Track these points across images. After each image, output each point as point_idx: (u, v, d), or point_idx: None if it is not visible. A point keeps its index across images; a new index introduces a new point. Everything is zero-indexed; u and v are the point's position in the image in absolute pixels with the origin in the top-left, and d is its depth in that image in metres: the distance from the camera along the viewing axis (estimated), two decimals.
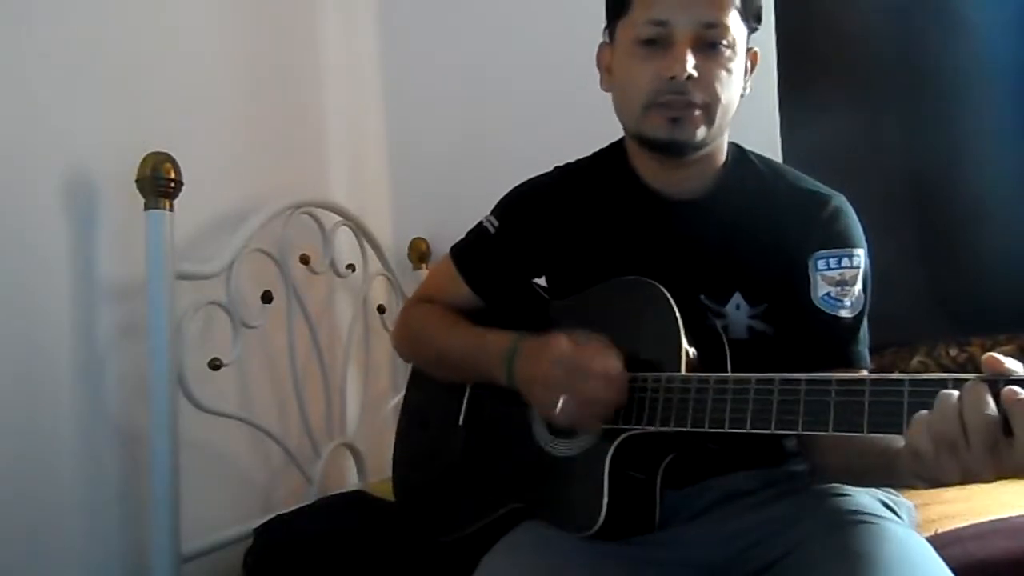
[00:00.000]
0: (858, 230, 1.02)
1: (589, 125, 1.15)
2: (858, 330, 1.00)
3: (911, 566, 0.80)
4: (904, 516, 0.95)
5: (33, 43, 1.24)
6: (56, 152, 1.27)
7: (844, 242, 1.00)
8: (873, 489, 0.96)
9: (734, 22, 0.96)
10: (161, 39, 1.47)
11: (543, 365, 0.93)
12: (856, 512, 0.88)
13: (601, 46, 1.08)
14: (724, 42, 0.95)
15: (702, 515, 0.98)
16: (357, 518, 1.36)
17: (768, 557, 0.89)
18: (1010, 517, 1.10)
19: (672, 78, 0.94)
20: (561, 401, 0.89)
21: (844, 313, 0.98)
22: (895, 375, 0.71)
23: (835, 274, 0.98)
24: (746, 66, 1.02)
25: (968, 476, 0.66)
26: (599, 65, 1.08)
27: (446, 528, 1.13)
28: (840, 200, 1.03)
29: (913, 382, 0.69)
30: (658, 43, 0.96)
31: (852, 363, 0.99)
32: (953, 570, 0.81)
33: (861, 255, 1.00)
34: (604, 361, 0.90)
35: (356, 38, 2.08)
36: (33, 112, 1.24)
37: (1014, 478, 0.65)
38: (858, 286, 0.99)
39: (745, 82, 1.03)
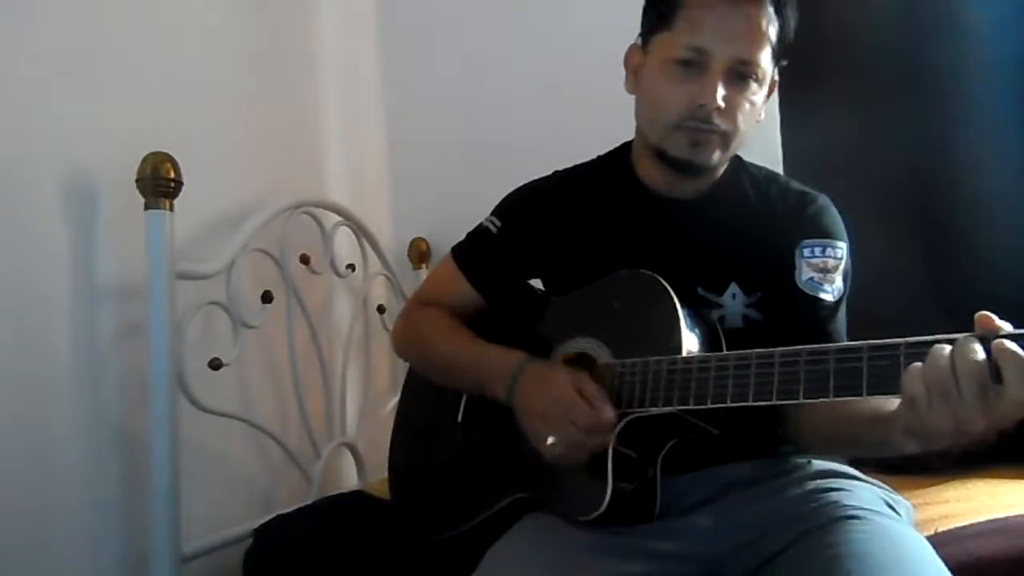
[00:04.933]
0: (842, 226, 1.08)
1: (588, 125, 1.16)
2: (837, 312, 1.05)
3: (908, 563, 0.80)
4: (903, 515, 0.95)
5: (33, 43, 1.24)
6: (56, 152, 1.27)
7: (829, 234, 1.06)
8: (873, 487, 0.97)
9: (765, 59, 1.00)
10: (161, 39, 1.47)
11: (542, 402, 0.95)
12: (856, 508, 0.89)
13: (632, 48, 1.10)
14: (754, 76, 1.00)
15: (703, 506, 0.98)
16: (357, 518, 1.36)
17: (767, 551, 0.90)
18: (1010, 517, 1.10)
19: (702, 106, 0.98)
20: (551, 441, 0.92)
21: (825, 296, 1.03)
22: (892, 340, 0.74)
23: (819, 261, 1.04)
24: (766, 94, 1.06)
25: (960, 424, 0.69)
26: (626, 65, 1.10)
27: (448, 524, 1.13)
28: (826, 200, 1.10)
29: (908, 344, 0.73)
30: (693, 66, 0.99)
31: (831, 341, 1.01)
32: (953, 570, 0.81)
33: (844, 249, 1.06)
34: (597, 413, 0.91)
35: (356, 38, 2.08)
36: (33, 112, 1.24)
37: (1003, 426, 0.68)
38: (839, 276, 1.05)
39: (762, 109, 1.07)
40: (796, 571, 0.85)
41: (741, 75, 0.99)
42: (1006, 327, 0.69)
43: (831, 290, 1.03)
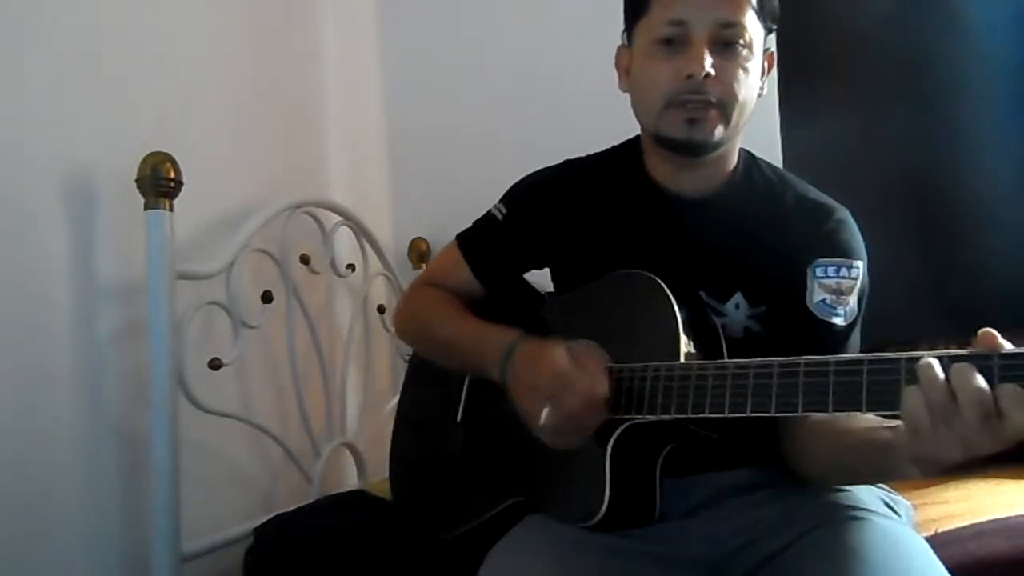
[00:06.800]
0: (860, 243, 1.03)
1: (590, 124, 1.16)
2: (848, 338, 1.00)
3: (907, 563, 0.80)
4: (902, 514, 0.95)
5: (33, 43, 1.24)
6: (56, 152, 1.27)
7: (845, 253, 1.01)
8: (873, 487, 0.97)
9: (751, 22, 0.97)
10: (160, 39, 1.47)
11: (535, 372, 0.93)
12: (854, 508, 0.89)
13: (619, 48, 1.09)
14: (741, 41, 0.96)
15: (701, 510, 0.98)
16: (357, 517, 1.36)
17: (765, 552, 0.90)
18: (1010, 517, 1.10)
19: (690, 77, 0.95)
20: (545, 413, 0.90)
21: (837, 321, 0.98)
22: (892, 353, 0.72)
23: (832, 283, 0.99)
24: (763, 66, 1.03)
25: (968, 449, 0.66)
26: (617, 67, 1.09)
27: (448, 525, 1.13)
28: (844, 213, 1.04)
29: (910, 359, 0.70)
30: (676, 43, 0.97)
31: None
32: (953, 570, 0.81)
33: (860, 267, 1.01)
34: (592, 385, 0.89)
35: (356, 38, 2.08)
36: (33, 112, 1.24)
37: (1009, 446, 0.67)
38: (853, 297, 1.00)
39: (762, 82, 1.04)
40: (796, 571, 0.85)
41: (727, 41, 0.96)
42: (1007, 346, 0.67)
43: (843, 313, 0.98)
